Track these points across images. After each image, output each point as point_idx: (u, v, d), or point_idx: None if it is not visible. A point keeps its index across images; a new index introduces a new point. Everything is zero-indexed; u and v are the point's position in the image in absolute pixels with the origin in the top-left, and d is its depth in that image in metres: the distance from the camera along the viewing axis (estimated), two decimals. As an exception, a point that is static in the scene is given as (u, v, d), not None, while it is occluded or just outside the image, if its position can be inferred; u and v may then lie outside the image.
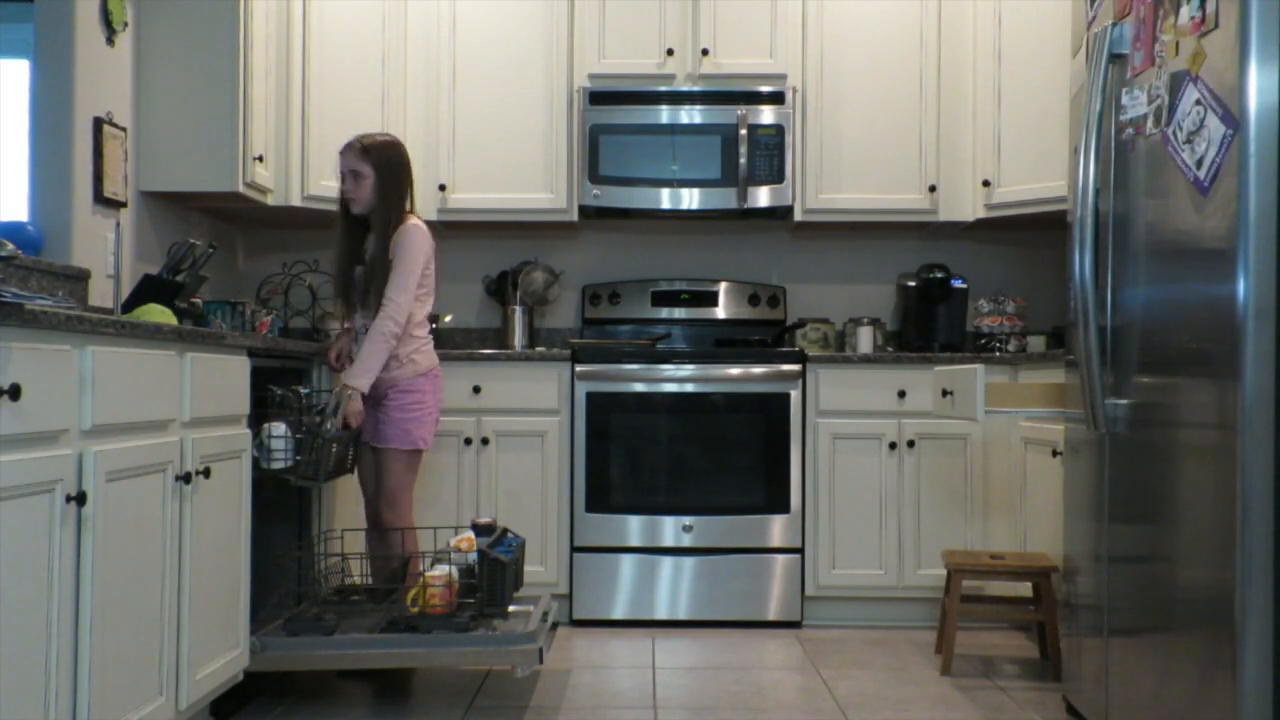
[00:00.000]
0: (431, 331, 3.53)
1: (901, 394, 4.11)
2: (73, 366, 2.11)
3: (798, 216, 4.44)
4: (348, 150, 3.40)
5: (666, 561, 4.12)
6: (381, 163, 3.38)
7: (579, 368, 4.13)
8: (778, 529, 4.12)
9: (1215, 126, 2.21)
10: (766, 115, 4.36)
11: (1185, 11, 2.34)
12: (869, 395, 4.12)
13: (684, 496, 4.14)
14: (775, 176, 4.35)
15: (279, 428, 3.05)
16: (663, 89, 4.39)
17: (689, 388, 4.16)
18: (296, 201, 4.16)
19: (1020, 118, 4.25)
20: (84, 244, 3.48)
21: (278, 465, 3.04)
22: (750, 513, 4.13)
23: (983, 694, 3.28)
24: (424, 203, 4.41)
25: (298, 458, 3.09)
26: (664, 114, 4.38)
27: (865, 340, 4.46)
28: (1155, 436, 2.48)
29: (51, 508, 2.05)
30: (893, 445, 4.11)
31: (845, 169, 4.42)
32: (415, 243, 3.33)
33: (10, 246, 3.03)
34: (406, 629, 3.06)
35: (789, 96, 4.37)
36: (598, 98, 4.37)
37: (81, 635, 2.15)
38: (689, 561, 4.12)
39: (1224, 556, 2.16)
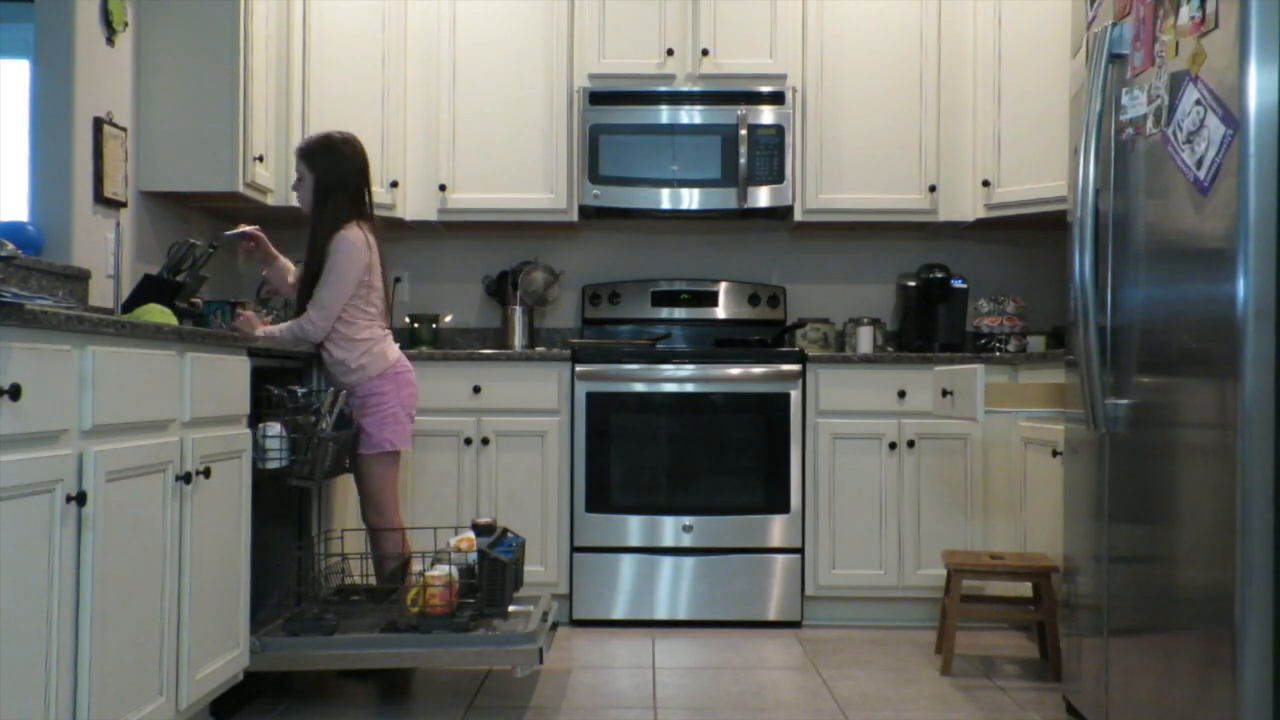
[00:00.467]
0: (433, 330, 3.53)
1: (901, 394, 4.11)
2: (73, 366, 2.11)
3: (798, 216, 4.45)
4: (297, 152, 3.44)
5: (666, 561, 4.12)
6: (319, 165, 3.37)
7: (579, 368, 4.13)
8: (778, 529, 4.12)
9: (1215, 126, 2.21)
10: (766, 115, 4.36)
11: (1185, 11, 2.34)
12: (869, 395, 4.12)
13: (684, 496, 4.14)
14: (775, 176, 4.35)
15: (274, 428, 3.04)
16: (663, 89, 4.39)
17: (689, 388, 4.16)
18: (296, 202, 4.15)
19: (1020, 118, 4.25)
20: (84, 244, 3.48)
21: (272, 465, 3.04)
22: (750, 513, 4.13)
23: (983, 694, 3.28)
24: (424, 203, 4.42)
25: (293, 457, 3.09)
26: (664, 114, 4.38)
27: (865, 340, 4.46)
28: (1155, 436, 2.48)
29: (52, 508, 2.05)
30: (893, 445, 4.11)
31: (845, 169, 4.43)
32: (345, 254, 3.29)
33: (10, 246, 3.03)
34: (406, 629, 3.06)
35: (789, 96, 4.37)
36: (598, 98, 4.37)
37: (82, 635, 2.15)
38: (689, 561, 4.12)
39: (1224, 556, 2.16)
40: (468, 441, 4.11)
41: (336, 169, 3.37)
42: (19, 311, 1.91)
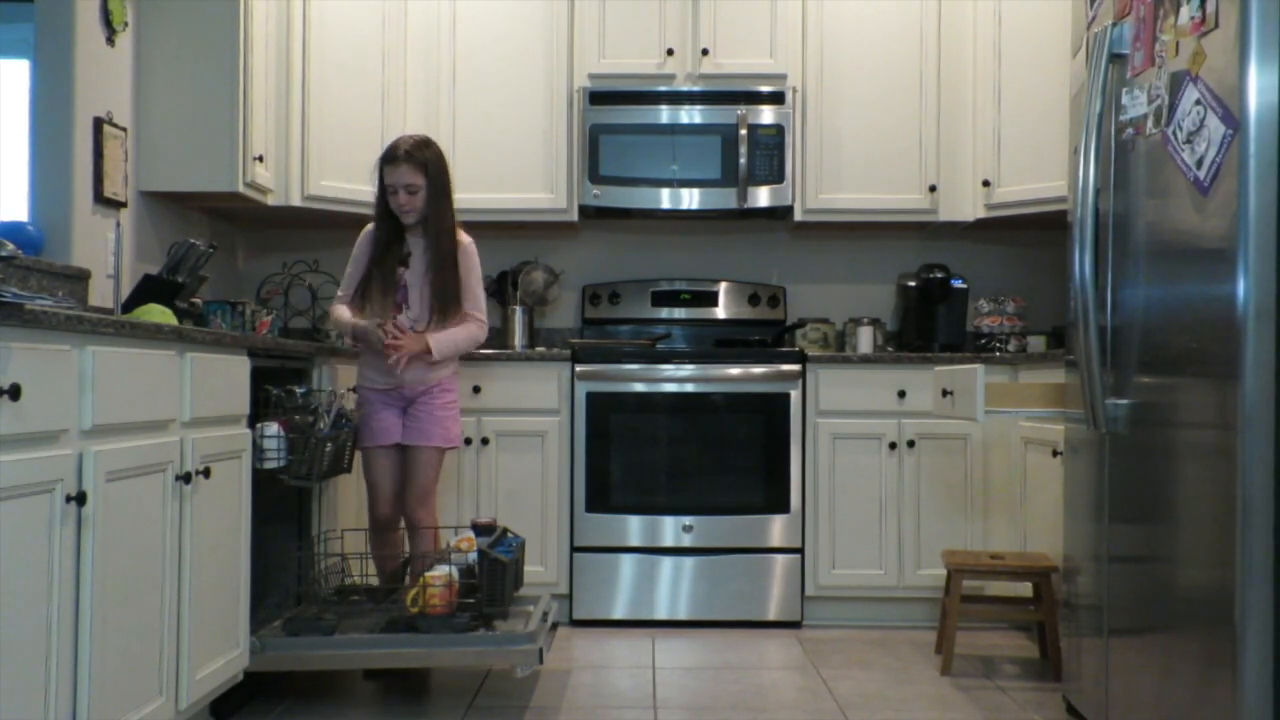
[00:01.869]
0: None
1: (901, 394, 4.11)
2: (73, 366, 2.11)
3: (798, 216, 4.45)
4: (399, 164, 3.33)
5: (666, 561, 4.12)
6: (434, 172, 3.38)
7: (579, 368, 4.13)
8: (778, 529, 4.12)
9: (1215, 126, 2.21)
10: (766, 115, 4.36)
11: (1185, 11, 2.34)
12: (869, 395, 4.12)
13: (684, 496, 4.14)
14: (775, 176, 4.35)
15: (271, 427, 3.04)
16: (663, 89, 4.39)
17: (689, 388, 4.16)
18: (296, 201, 4.16)
19: (1020, 118, 4.25)
20: (84, 244, 3.48)
21: (270, 465, 3.03)
22: (750, 513, 4.13)
23: (983, 694, 3.29)
24: (424, 203, 4.41)
25: (291, 457, 3.09)
26: (664, 114, 4.38)
27: (865, 340, 4.46)
28: (1155, 436, 2.48)
29: (51, 508, 2.05)
30: (893, 445, 4.11)
31: (845, 169, 4.43)
32: (474, 257, 3.48)
33: (10, 246, 3.03)
34: (406, 629, 3.06)
35: (789, 96, 4.37)
36: (598, 98, 4.37)
37: (81, 635, 2.15)
38: (689, 561, 4.12)
39: (1224, 556, 2.16)
40: (468, 441, 4.10)
41: (446, 173, 3.45)
42: (19, 311, 1.91)
